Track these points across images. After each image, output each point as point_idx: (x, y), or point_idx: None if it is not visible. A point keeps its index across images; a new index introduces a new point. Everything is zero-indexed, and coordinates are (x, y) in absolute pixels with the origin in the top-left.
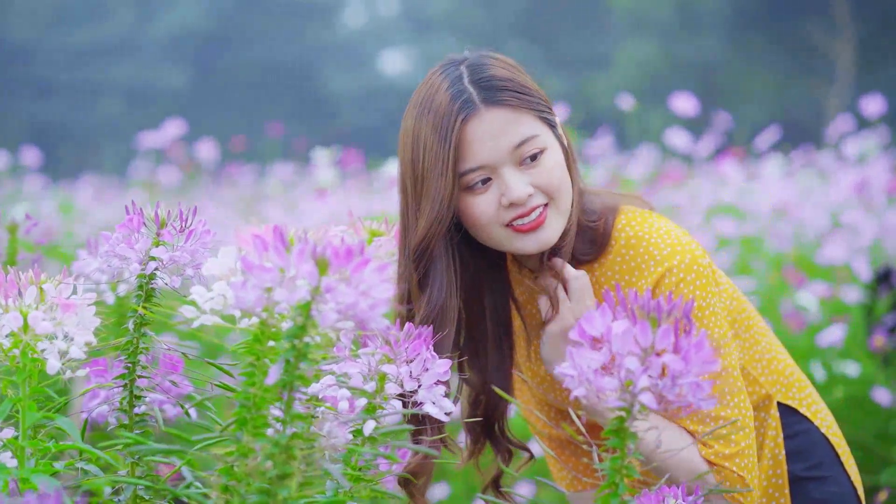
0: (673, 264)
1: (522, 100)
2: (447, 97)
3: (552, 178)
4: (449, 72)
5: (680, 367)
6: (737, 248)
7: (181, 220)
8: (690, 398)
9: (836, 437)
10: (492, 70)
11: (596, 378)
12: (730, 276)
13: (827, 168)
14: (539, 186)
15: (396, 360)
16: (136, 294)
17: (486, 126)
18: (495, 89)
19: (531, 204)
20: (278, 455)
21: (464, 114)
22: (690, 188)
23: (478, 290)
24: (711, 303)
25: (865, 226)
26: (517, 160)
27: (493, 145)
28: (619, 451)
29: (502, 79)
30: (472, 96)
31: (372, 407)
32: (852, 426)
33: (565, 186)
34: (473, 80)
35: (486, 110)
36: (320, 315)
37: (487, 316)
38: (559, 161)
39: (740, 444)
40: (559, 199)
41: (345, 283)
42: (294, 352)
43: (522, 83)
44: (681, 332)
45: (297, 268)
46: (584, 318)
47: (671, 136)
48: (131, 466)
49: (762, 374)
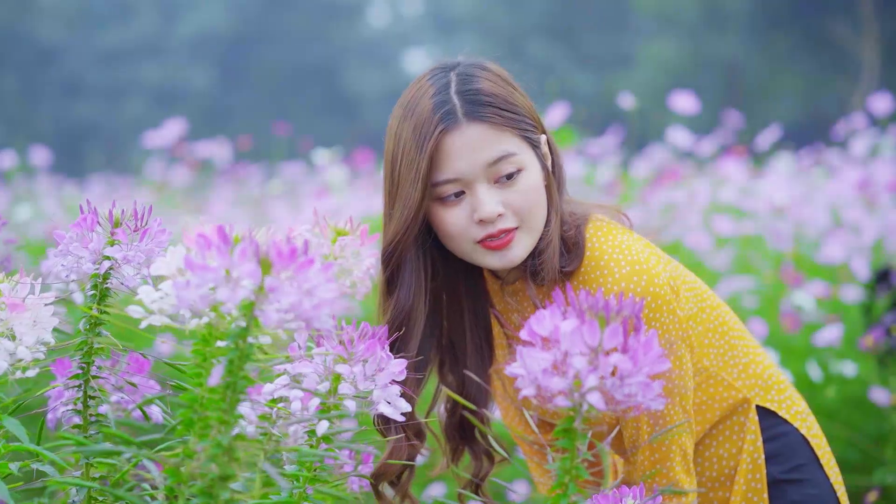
0: (628, 286)
1: (505, 117)
2: (430, 105)
3: (525, 200)
4: (438, 77)
5: (628, 366)
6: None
7: (135, 220)
8: (640, 398)
9: (817, 439)
10: (479, 83)
11: (544, 378)
12: (729, 276)
13: (835, 166)
14: (511, 206)
15: (351, 360)
16: (90, 294)
17: (464, 140)
18: (479, 104)
19: (500, 225)
20: (221, 456)
21: (443, 125)
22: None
23: (457, 295)
24: (668, 328)
25: (867, 225)
26: (492, 177)
27: (469, 160)
28: (569, 452)
29: (488, 94)
30: (455, 108)
31: (326, 407)
32: (850, 427)
33: (538, 208)
34: (460, 90)
35: (466, 124)
36: (263, 315)
37: (466, 321)
38: (535, 182)
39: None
40: (530, 221)
41: (288, 283)
42: (237, 352)
43: (509, 100)
44: (630, 332)
45: (240, 267)
46: (533, 317)
47: (673, 134)
48: (86, 467)
49: (738, 378)
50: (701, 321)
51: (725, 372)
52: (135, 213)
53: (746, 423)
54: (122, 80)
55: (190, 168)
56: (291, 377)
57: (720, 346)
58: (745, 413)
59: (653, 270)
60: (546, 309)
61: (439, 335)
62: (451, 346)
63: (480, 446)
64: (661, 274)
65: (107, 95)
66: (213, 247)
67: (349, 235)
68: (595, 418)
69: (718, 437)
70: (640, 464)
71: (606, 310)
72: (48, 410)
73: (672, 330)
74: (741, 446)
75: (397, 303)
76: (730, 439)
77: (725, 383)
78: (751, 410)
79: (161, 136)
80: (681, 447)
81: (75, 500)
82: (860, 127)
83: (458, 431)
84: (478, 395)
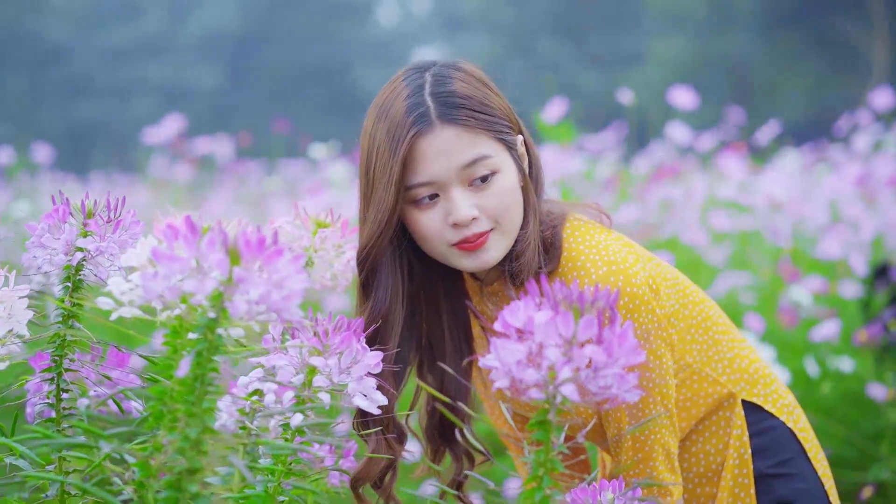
0: (606, 288)
1: (479, 119)
2: (404, 107)
3: (500, 203)
4: (412, 79)
5: (602, 358)
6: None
7: (108, 211)
8: (615, 390)
9: (804, 433)
10: (454, 85)
11: (518, 369)
12: (726, 272)
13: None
14: (485, 209)
15: (326, 352)
16: (62, 286)
17: (438, 143)
18: (453, 106)
19: (474, 229)
20: (188, 450)
21: (416, 128)
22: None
23: (435, 296)
24: (647, 328)
25: (866, 221)
26: (466, 180)
27: (442, 163)
28: (544, 445)
29: (462, 96)
30: (428, 110)
31: (301, 400)
32: (847, 423)
33: (513, 210)
34: (434, 92)
35: (440, 127)
36: (232, 306)
37: (445, 322)
38: (510, 185)
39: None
40: (505, 223)
41: (257, 274)
42: (206, 344)
43: (483, 101)
44: (605, 324)
45: (208, 258)
46: (507, 309)
47: (671, 130)
48: (59, 461)
49: (722, 373)
50: (683, 317)
51: (710, 367)
52: (108, 203)
53: (732, 418)
54: (129, 78)
55: (191, 165)
56: (266, 370)
57: (704, 342)
58: (730, 408)
59: (630, 270)
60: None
61: (418, 336)
62: (430, 346)
63: (461, 447)
64: (639, 273)
65: (114, 94)
66: (180, 237)
67: (330, 228)
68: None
69: (705, 433)
70: (622, 463)
71: (581, 301)
72: (27, 404)
73: (651, 329)
74: (727, 441)
75: (374, 305)
76: (716, 434)
77: (710, 379)
78: (736, 405)
79: (160, 133)
80: (663, 445)
81: (48, 495)
82: (864, 123)
83: (439, 431)
84: (457, 395)
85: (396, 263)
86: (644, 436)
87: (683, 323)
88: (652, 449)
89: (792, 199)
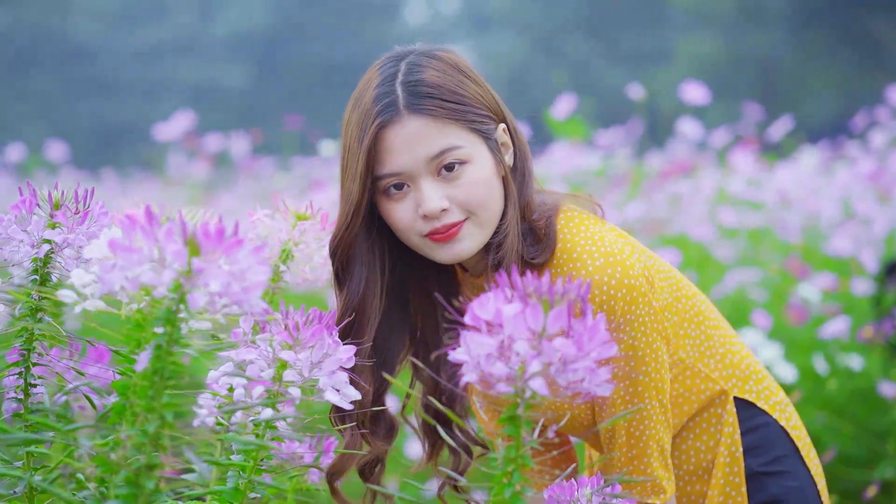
0: (602, 279)
1: (448, 108)
2: (373, 96)
3: (471, 194)
4: (387, 67)
5: (572, 351)
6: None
7: (77, 202)
8: (586, 384)
9: (797, 430)
10: (425, 73)
11: (487, 363)
12: (735, 268)
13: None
14: (456, 201)
15: (296, 346)
16: (30, 279)
17: (405, 133)
18: (421, 96)
19: (445, 220)
20: (147, 445)
21: (382, 118)
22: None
23: (427, 287)
24: (644, 320)
25: (879, 217)
26: (435, 171)
27: (410, 154)
28: (515, 440)
29: (431, 85)
30: (396, 100)
31: (272, 395)
32: (856, 421)
33: (489, 201)
34: (405, 81)
35: (408, 117)
36: (190, 298)
37: (439, 313)
38: (483, 175)
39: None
40: (480, 214)
41: (217, 265)
42: (166, 337)
43: (456, 90)
44: (577, 315)
45: (166, 248)
46: (476, 301)
47: (683, 126)
48: (27, 457)
49: (715, 369)
50: (677, 311)
51: (702, 363)
52: (76, 195)
53: (724, 416)
54: (157, 77)
55: (208, 162)
56: (237, 364)
57: (696, 337)
58: (722, 405)
59: (627, 262)
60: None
61: (412, 328)
62: (424, 339)
63: (458, 440)
64: (636, 265)
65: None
66: (138, 228)
67: (309, 220)
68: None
69: (695, 430)
70: (616, 460)
71: (550, 293)
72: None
73: (648, 322)
74: (718, 439)
75: (347, 298)
76: (707, 431)
77: (703, 375)
78: (728, 402)
79: (170, 130)
80: (658, 441)
81: (16, 492)
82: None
83: (434, 427)
84: (454, 389)
85: (374, 255)
86: (639, 431)
87: (677, 317)
88: (647, 444)
89: (804, 196)
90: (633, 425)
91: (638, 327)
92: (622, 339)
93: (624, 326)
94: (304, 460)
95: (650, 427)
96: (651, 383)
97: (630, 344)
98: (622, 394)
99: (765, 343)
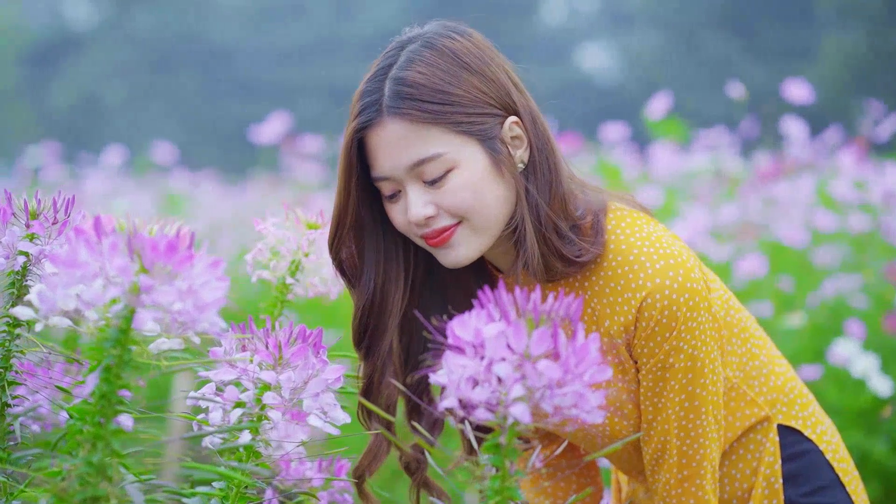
0: (665, 283)
1: (429, 111)
2: (360, 92)
3: (457, 200)
4: (387, 55)
5: (556, 374)
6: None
7: (55, 211)
8: (574, 411)
9: (843, 463)
10: (411, 69)
11: (466, 387)
12: (836, 274)
13: None
14: (442, 207)
15: (279, 366)
16: (7, 292)
17: (384, 136)
18: (401, 97)
19: (434, 226)
20: (92, 475)
21: (361, 119)
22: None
23: (468, 284)
24: (704, 328)
25: None
26: (419, 178)
27: (391, 160)
28: (500, 471)
29: (413, 84)
30: (381, 98)
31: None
32: None
33: (481, 205)
34: (395, 76)
35: (388, 119)
36: (135, 317)
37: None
38: (471, 179)
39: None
40: (472, 219)
41: (166, 282)
42: (115, 358)
43: (442, 89)
44: (569, 335)
45: (110, 263)
46: (456, 320)
47: (787, 126)
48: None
49: (760, 393)
50: (726, 324)
51: (747, 385)
52: (54, 203)
53: (765, 443)
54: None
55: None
56: (217, 385)
57: (742, 355)
58: (764, 432)
59: (688, 264)
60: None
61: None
62: None
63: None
64: (696, 268)
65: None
66: (82, 240)
67: (319, 230)
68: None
69: (732, 456)
70: (664, 483)
71: (535, 311)
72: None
73: (708, 330)
74: (756, 468)
75: (359, 293)
76: (743, 458)
77: (748, 398)
78: (771, 430)
79: (266, 132)
80: (711, 462)
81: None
82: None
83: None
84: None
85: (389, 250)
86: (692, 450)
87: (726, 330)
88: (700, 465)
89: None
90: (687, 444)
91: (699, 335)
92: (682, 349)
93: (685, 335)
94: (312, 483)
95: (704, 446)
96: (708, 397)
97: (690, 354)
98: (678, 409)
99: (859, 354)
